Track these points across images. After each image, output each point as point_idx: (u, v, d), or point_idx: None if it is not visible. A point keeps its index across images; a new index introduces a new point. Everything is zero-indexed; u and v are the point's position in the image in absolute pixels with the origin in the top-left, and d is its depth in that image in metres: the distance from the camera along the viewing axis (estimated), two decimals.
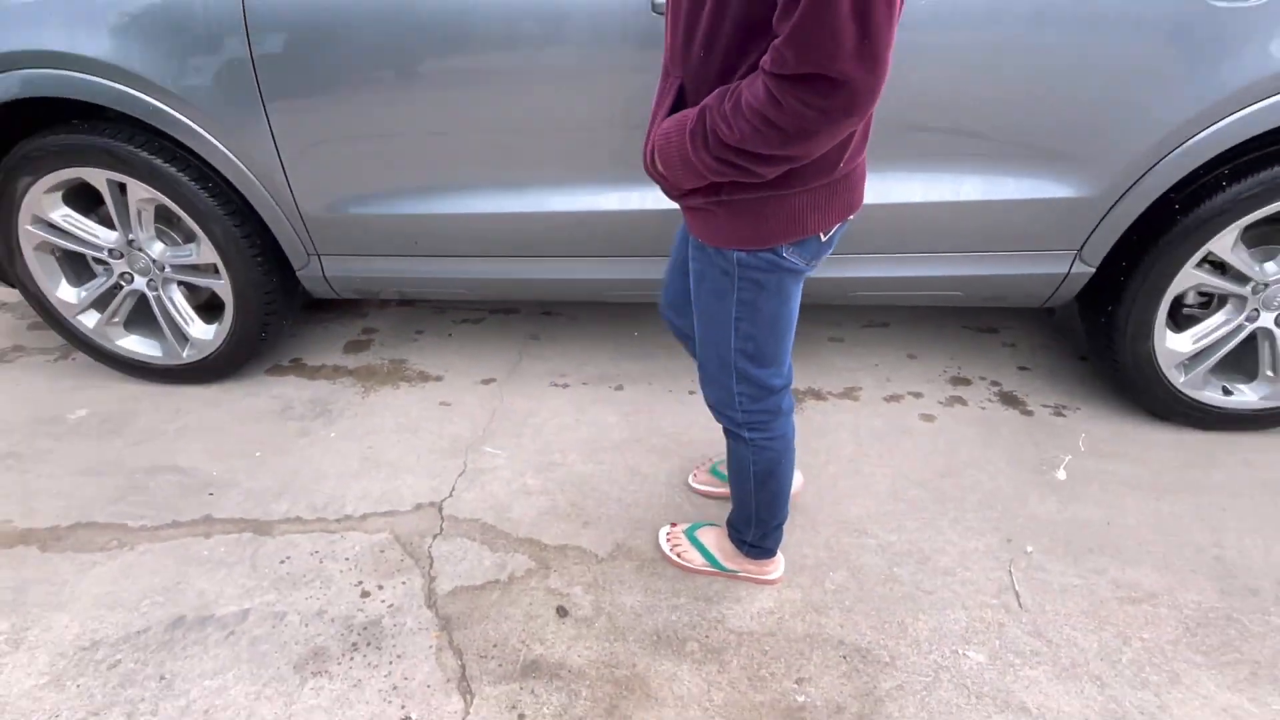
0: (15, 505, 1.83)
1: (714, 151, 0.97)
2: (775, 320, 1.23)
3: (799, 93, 0.86)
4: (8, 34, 1.75)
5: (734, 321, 1.22)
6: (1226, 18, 1.46)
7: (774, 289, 1.18)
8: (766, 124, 0.90)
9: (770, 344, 1.26)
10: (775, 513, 1.49)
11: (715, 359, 1.30)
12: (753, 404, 1.33)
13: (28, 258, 2.04)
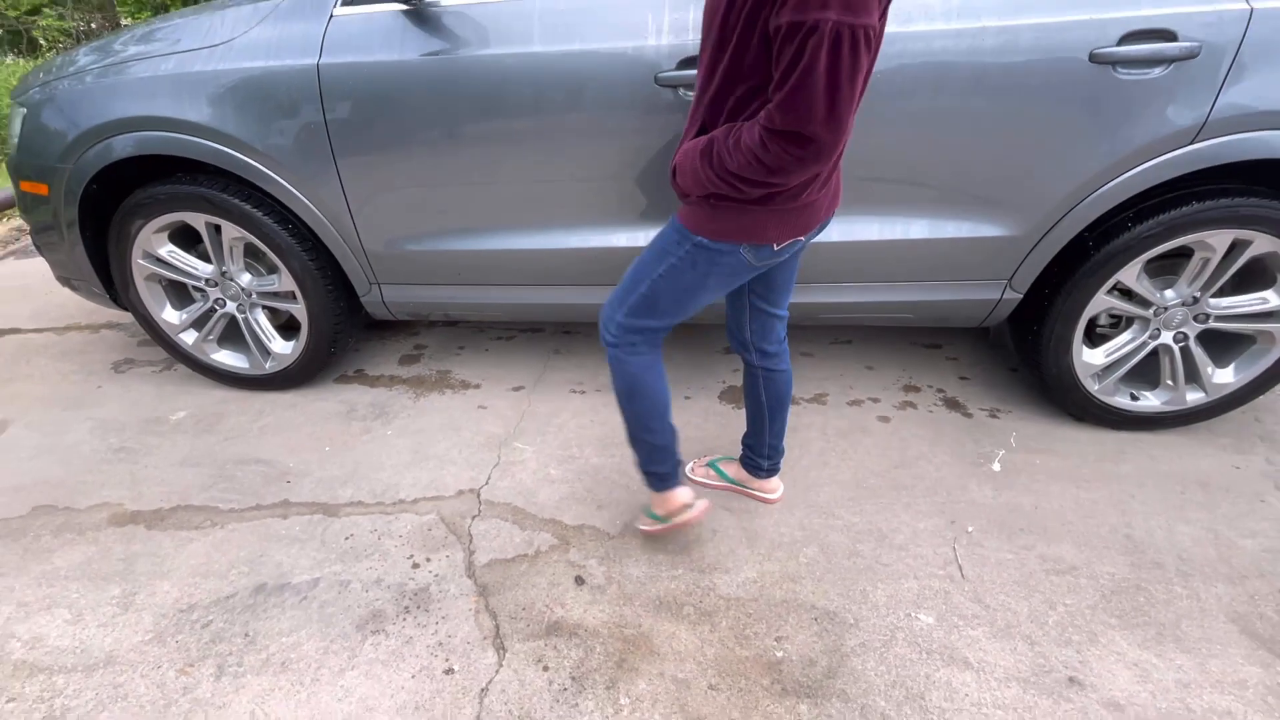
0: (126, 490, 1.83)
1: (716, 171, 1.08)
2: (682, 295, 1.29)
3: (782, 143, 0.98)
4: (126, 103, 1.77)
5: (657, 275, 1.28)
6: (1130, 87, 1.45)
7: (704, 270, 1.25)
8: (756, 161, 1.02)
9: (667, 303, 1.31)
10: (647, 431, 1.44)
11: (629, 287, 1.33)
12: (621, 327, 1.35)
13: (139, 286, 2.06)
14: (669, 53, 1.52)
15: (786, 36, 0.91)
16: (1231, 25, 1.39)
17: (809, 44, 0.88)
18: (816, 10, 0.86)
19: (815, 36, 0.87)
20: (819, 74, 0.90)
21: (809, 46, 0.88)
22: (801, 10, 0.87)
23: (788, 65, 0.92)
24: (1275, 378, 1.81)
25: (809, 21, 0.87)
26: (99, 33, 7.91)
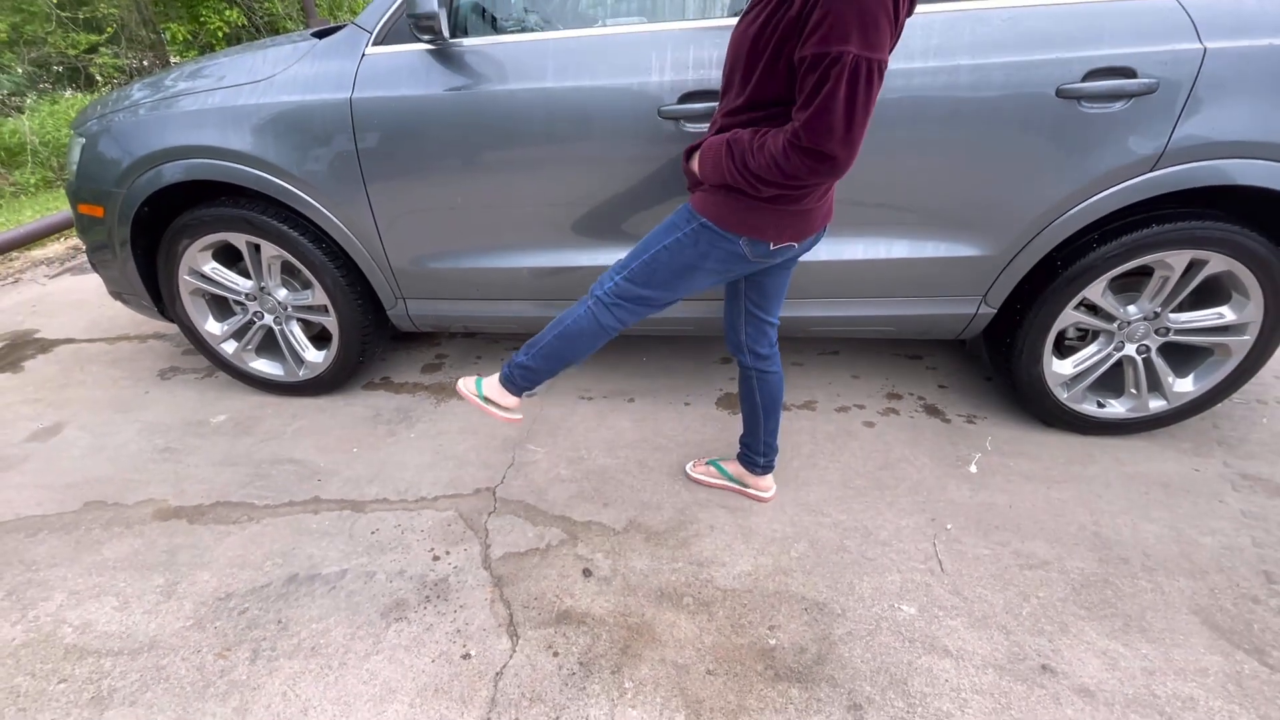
0: (170, 488, 1.84)
1: (738, 166, 1.13)
2: (679, 270, 1.30)
3: (802, 157, 1.04)
4: (176, 134, 1.79)
5: (660, 247, 1.30)
6: (1094, 120, 1.46)
7: (703, 250, 1.27)
8: (776, 167, 1.07)
9: (664, 275, 1.31)
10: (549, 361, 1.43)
11: (635, 254, 1.34)
12: (615, 294, 1.35)
13: (185, 300, 2.07)
14: (671, 88, 1.54)
15: (811, 66, 0.97)
16: (1186, 63, 1.40)
17: (831, 73, 0.94)
18: (839, 44, 0.92)
19: (838, 67, 0.94)
20: (840, 100, 0.96)
21: (831, 75, 0.95)
22: (825, 44, 0.94)
23: (811, 90, 0.98)
24: (1232, 386, 1.81)
25: (832, 53, 0.93)
26: (150, 69, 8.00)
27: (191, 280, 2.02)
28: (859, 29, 0.92)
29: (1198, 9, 1.40)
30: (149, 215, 1.95)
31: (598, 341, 1.40)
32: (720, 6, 1.60)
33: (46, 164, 5.13)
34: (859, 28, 0.92)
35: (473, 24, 1.72)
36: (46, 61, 7.26)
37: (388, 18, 1.66)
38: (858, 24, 0.92)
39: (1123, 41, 1.41)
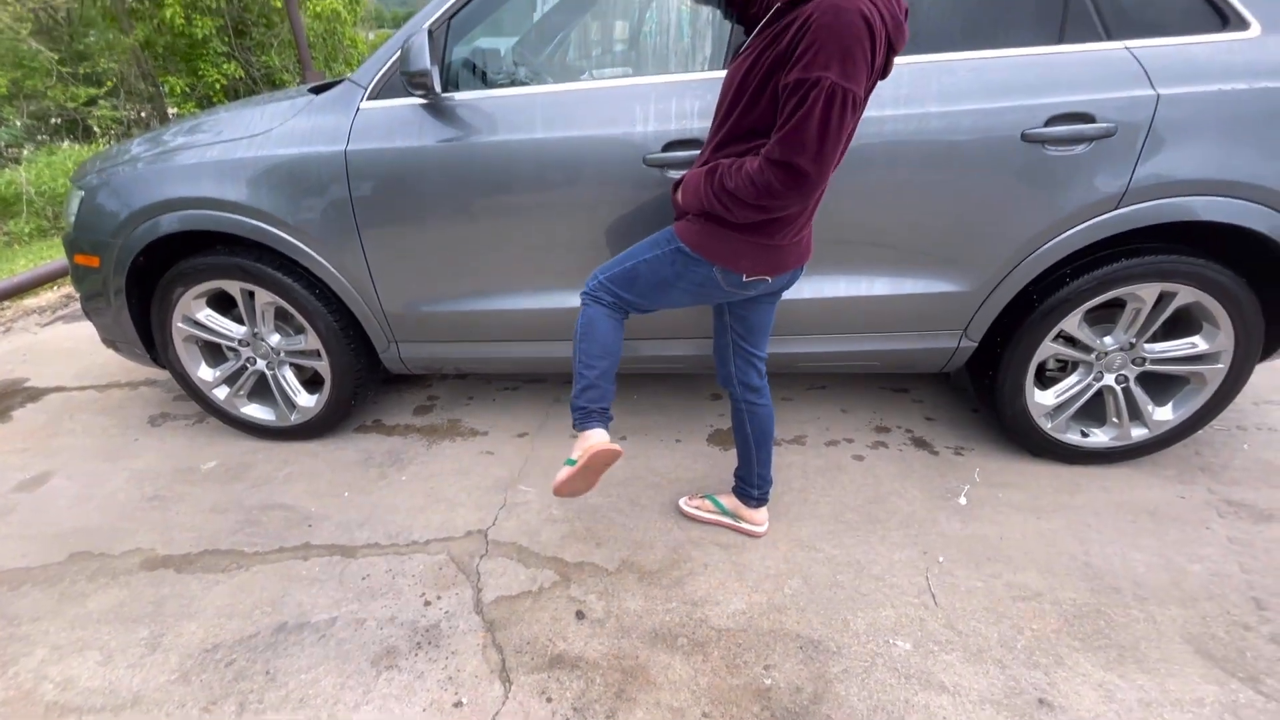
0: (158, 536, 1.82)
1: (715, 189, 1.21)
2: (655, 284, 1.39)
3: (776, 170, 1.11)
4: (174, 186, 1.83)
5: (641, 260, 1.39)
6: (1058, 162, 1.53)
7: (678, 270, 1.35)
8: (751, 183, 1.15)
9: (643, 286, 1.40)
10: (588, 366, 1.43)
11: (620, 259, 1.43)
12: (600, 288, 1.43)
13: (178, 347, 2.08)
14: (655, 137, 1.60)
15: (792, 90, 1.07)
16: (1141, 108, 1.48)
17: (810, 95, 1.04)
18: (819, 70, 1.03)
19: (815, 90, 1.04)
20: (814, 119, 1.05)
21: (810, 97, 1.04)
22: (807, 70, 1.04)
23: (790, 111, 1.07)
24: (1210, 414, 1.84)
25: (811, 78, 1.04)
26: (148, 120, 8.16)
27: (185, 327, 2.04)
28: (839, 60, 1.02)
29: (1149, 58, 1.49)
30: (144, 264, 1.98)
31: (604, 325, 1.43)
32: (700, 61, 1.68)
33: (42, 213, 5.18)
34: (839, 59, 1.02)
35: (464, 79, 1.78)
36: (45, 114, 7.40)
37: (382, 74, 1.73)
38: (838, 56, 1.02)
39: (1080, 89, 1.49)
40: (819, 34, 1.02)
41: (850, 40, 1.01)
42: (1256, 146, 1.49)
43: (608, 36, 2.45)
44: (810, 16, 1.04)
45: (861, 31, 1.02)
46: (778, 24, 1.13)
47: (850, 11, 1.01)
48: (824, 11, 1.02)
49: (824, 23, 1.02)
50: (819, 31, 1.02)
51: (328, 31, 8.85)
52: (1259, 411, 2.23)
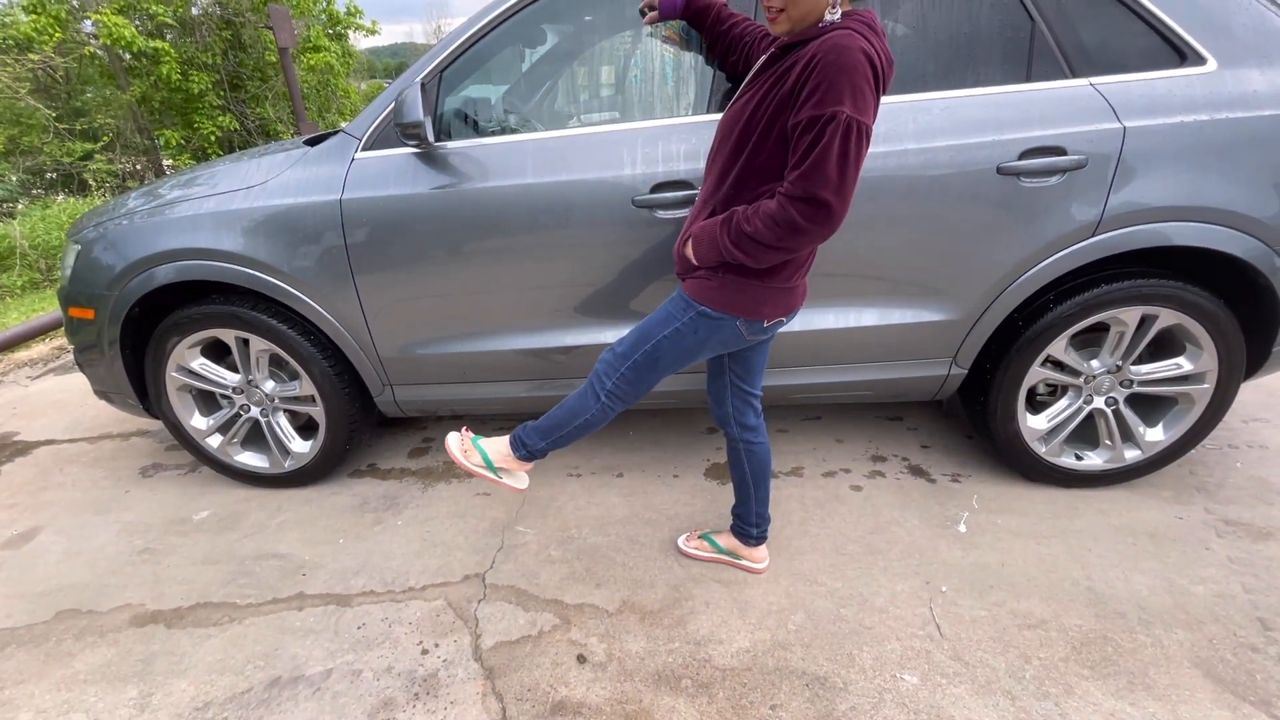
0: (148, 590, 1.78)
1: (733, 237, 1.19)
2: (681, 355, 1.36)
3: (799, 206, 1.11)
4: (170, 238, 1.86)
5: (662, 335, 1.35)
6: (1034, 193, 1.58)
7: (703, 337, 1.33)
8: (774, 223, 1.14)
9: (668, 362, 1.37)
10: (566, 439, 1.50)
11: (635, 344, 1.38)
12: (624, 384, 1.40)
13: (171, 396, 2.07)
14: (643, 180, 1.65)
15: (806, 127, 1.08)
16: (1109, 141, 1.54)
17: (827, 129, 1.06)
18: (834, 105, 1.05)
19: (833, 124, 1.05)
20: (834, 152, 1.06)
21: (826, 131, 1.06)
22: (821, 106, 1.06)
23: (807, 147, 1.08)
24: (1201, 433, 1.86)
25: (827, 114, 1.05)
26: (144, 173, 8.28)
27: (179, 376, 2.04)
28: (851, 94, 1.05)
29: (1113, 93, 1.55)
30: (138, 315, 1.99)
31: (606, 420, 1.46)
32: (684, 106, 1.73)
33: (34, 266, 5.20)
34: (851, 93, 1.05)
35: (456, 128, 1.83)
36: (40, 169, 7.50)
37: (375, 126, 1.77)
38: (850, 90, 1.05)
39: (1050, 124, 1.55)
40: (828, 71, 1.05)
41: (858, 75, 1.05)
42: (1222, 173, 1.54)
43: (594, 82, 2.54)
44: (815, 56, 1.07)
45: (866, 67, 1.05)
46: (778, 66, 1.16)
47: (854, 50, 1.05)
48: (829, 50, 1.05)
49: (831, 60, 1.05)
50: (827, 69, 1.05)
51: (321, 83, 9.09)
52: (1249, 429, 2.25)
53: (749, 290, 1.27)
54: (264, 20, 7.69)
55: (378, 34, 9.83)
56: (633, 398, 1.43)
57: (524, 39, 1.98)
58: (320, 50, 8.69)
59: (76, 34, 7.64)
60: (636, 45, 1.99)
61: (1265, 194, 1.55)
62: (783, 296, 1.30)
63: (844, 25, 1.09)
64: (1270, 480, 1.98)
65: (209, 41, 7.87)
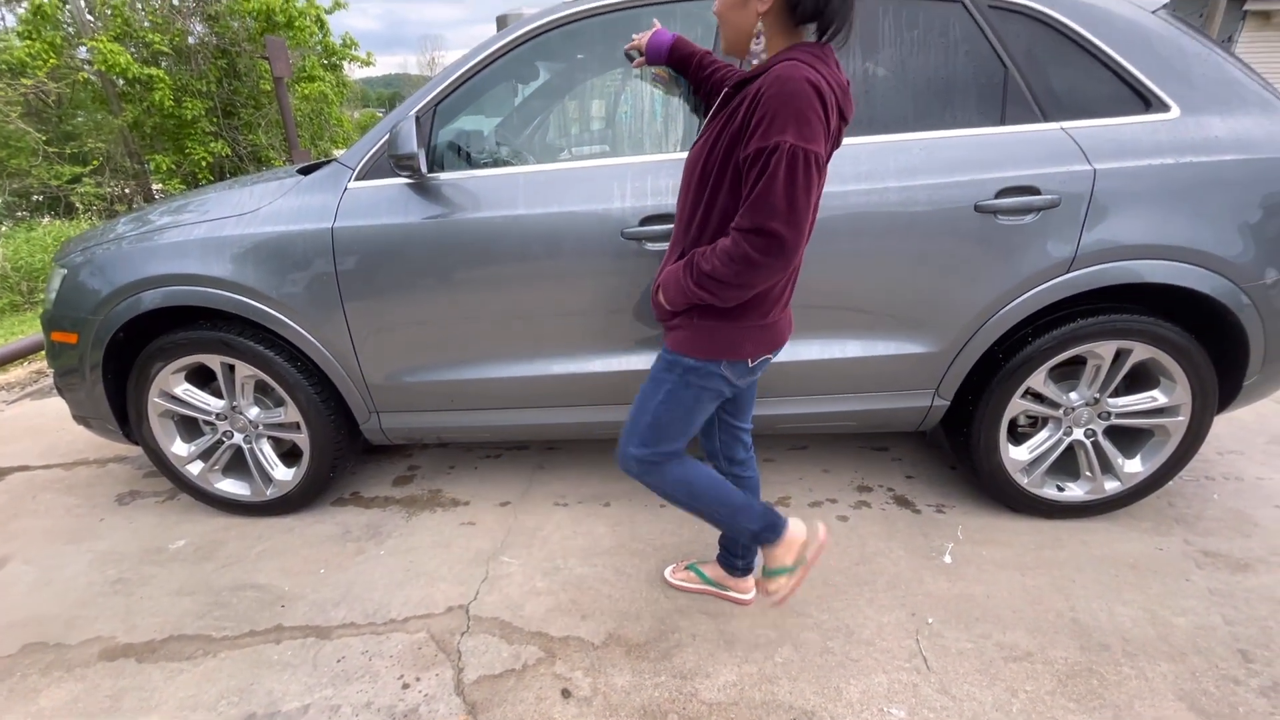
0: (120, 623, 1.73)
1: (695, 278, 1.17)
2: (682, 415, 1.32)
3: (750, 238, 1.09)
4: (158, 264, 1.86)
5: (658, 401, 1.32)
6: (1010, 231, 1.64)
7: (696, 391, 1.30)
8: (729, 259, 1.12)
9: (673, 427, 1.33)
10: (726, 507, 1.41)
11: (635, 418, 1.36)
12: (645, 464, 1.37)
13: (153, 422, 2.05)
14: (632, 212, 1.68)
15: (753, 160, 1.07)
16: (1080, 181, 1.60)
17: (771, 160, 1.04)
18: (777, 135, 1.04)
19: (776, 154, 1.04)
20: (779, 181, 1.05)
21: (771, 162, 1.04)
22: (765, 138, 1.05)
23: (754, 179, 1.07)
24: (1178, 465, 1.90)
25: (770, 145, 1.04)
26: (132, 197, 8.26)
27: (162, 402, 2.01)
28: (794, 123, 1.03)
29: (1082, 137, 1.62)
30: (122, 340, 1.97)
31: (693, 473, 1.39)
32: (673, 143, 1.78)
33: (15, 289, 5.14)
34: (794, 123, 1.03)
35: (449, 159, 1.87)
36: (27, 191, 7.46)
37: (369, 157, 1.80)
38: (793, 120, 1.03)
39: (1024, 164, 1.62)
40: (770, 103, 1.04)
41: (802, 103, 1.03)
42: (1188, 214, 1.61)
43: (585, 117, 2.60)
44: (760, 90, 1.06)
45: (811, 95, 1.03)
46: (728, 106, 1.16)
47: (798, 79, 1.03)
48: (771, 82, 1.05)
49: (773, 92, 1.04)
50: (770, 100, 1.04)
51: (314, 112, 9.18)
52: (1225, 461, 2.29)
53: (724, 332, 1.24)
54: (260, 50, 7.80)
55: (372, 65, 10.00)
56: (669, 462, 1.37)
57: (517, 75, 2.04)
58: (315, 80, 8.81)
59: (70, 60, 7.70)
60: (626, 82, 2.05)
61: (1229, 234, 1.62)
62: (762, 334, 1.26)
63: (789, 56, 1.08)
64: (1247, 512, 2.02)
65: (204, 69, 7.95)
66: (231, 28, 8.03)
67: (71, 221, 6.83)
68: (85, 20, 7.88)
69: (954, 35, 1.67)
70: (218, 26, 8.00)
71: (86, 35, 7.53)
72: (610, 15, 1.77)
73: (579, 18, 1.77)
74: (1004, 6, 1.66)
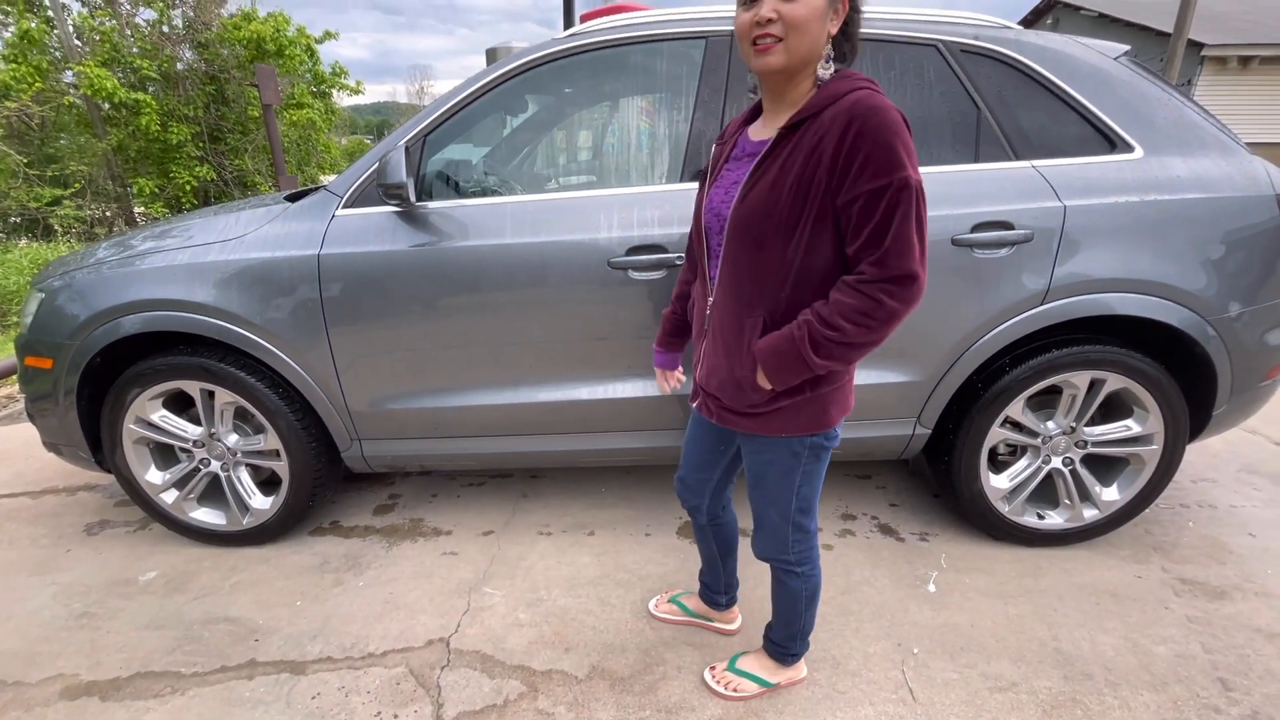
0: (84, 659, 1.66)
1: (820, 351, 1.03)
2: (821, 479, 1.26)
3: (887, 288, 0.98)
4: (140, 288, 1.83)
5: (797, 489, 1.23)
6: (986, 264, 1.68)
7: (825, 457, 1.22)
8: (863, 316, 1.00)
9: (816, 498, 1.28)
10: (802, 624, 1.43)
11: (776, 517, 1.27)
12: (802, 546, 1.31)
13: (127, 449, 2.00)
14: (619, 242, 1.70)
15: (869, 201, 0.96)
16: (1052, 217, 1.66)
17: (900, 198, 0.95)
18: (897, 171, 0.95)
19: (904, 191, 0.95)
20: (911, 220, 0.96)
21: (900, 201, 0.95)
22: (879, 176, 0.95)
23: (880, 222, 0.96)
24: (1154, 493, 1.93)
25: (894, 182, 0.95)
26: (113, 220, 8.19)
27: (137, 429, 1.97)
28: (907, 155, 0.96)
29: (1052, 175, 1.69)
30: (99, 366, 1.93)
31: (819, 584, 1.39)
32: (658, 175, 1.82)
33: None
34: (907, 154, 0.96)
35: (437, 189, 1.89)
36: (5, 213, 7.36)
37: (358, 185, 1.81)
38: (904, 152, 0.95)
39: (998, 201, 1.67)
40: (877, 136, 0.95)
41: (906, 134, 0.97)
42: (1154, 249, 1.67)
43: (573, 148, 2.65)
44: (850, 123, 0.96)
45: (904, 125, 0.97)
46: (793, 143, 1.02)
47: (890, 109, 0.96)
48: (866, 113, 0.95)
49: (874, 124, 0.95)
50: (876, 133, 0.95)
51: (302, 138, 9.23)
52: (1199, 489, 2.34)
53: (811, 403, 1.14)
54: (250, 77, 7.85)
55: (361, 94, 10.10)
56: (817, 546, 1.34)
57: (506, 107, 2.08)
58: (303, 107, 8.87)
59: (56, 83, 7.68)
60: (613, 115, 2.10)
61: (1193, 269, 1.68)
62: (846, 394, 1.18)
63: (861, 84, 1.00)
64: (1221, 539, 2.05)
65: (192, 95, 7.98)
66: (221, 55, 8.09)
67: (49, 244, 6.74)
68: (73, 45, 7.89)
69: (929, 77, 1.73)
70: (207, 54, 8.05)
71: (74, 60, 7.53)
72: (598, 52, 1.81)
73: (568, 54, 1.81)
74: (975, 50, 1.74)
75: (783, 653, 1.48)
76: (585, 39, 1.80)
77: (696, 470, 1.45)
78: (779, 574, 1.37)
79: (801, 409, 1.14)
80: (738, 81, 1.74)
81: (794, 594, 1.37)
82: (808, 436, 1.17)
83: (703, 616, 1.71)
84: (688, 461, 1.46)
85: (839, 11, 1.01)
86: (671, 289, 1.71)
